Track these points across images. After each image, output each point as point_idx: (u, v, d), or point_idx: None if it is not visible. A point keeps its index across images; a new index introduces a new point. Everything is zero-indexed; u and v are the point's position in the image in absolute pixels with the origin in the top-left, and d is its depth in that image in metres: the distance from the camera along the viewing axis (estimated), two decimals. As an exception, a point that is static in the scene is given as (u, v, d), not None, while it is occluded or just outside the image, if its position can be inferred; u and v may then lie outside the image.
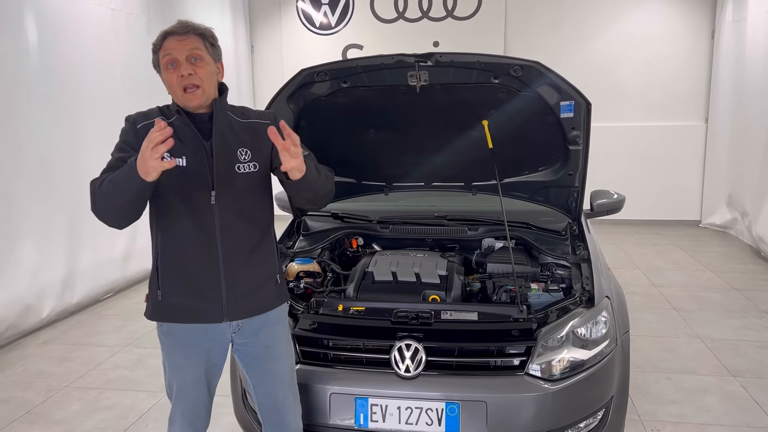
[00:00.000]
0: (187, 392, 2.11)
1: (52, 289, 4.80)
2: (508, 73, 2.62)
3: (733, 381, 3.63)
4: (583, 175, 2.97)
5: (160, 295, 2.02)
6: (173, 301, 2.02)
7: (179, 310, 2.03)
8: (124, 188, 1.81)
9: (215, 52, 2.00)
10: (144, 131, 1.88)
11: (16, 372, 3.99)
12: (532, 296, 2.67)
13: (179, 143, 1.89)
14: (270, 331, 2.14)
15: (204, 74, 1.93)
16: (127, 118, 2.03)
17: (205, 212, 1.97)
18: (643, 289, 5.46)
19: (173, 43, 1.92)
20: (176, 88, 1.92)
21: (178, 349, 2.08)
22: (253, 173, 2.04)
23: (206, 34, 1.98)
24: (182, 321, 2.04)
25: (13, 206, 4.45)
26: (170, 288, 2.02)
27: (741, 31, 7.00)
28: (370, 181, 3.39)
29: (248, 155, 2.03)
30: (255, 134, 2.06)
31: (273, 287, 2.15)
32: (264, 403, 2.21)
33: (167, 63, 1.92)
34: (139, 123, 1.98)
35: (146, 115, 2.01)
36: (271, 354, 2.16)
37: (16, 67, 4.48)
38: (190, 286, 2.01)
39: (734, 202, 7.35)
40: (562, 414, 2.32)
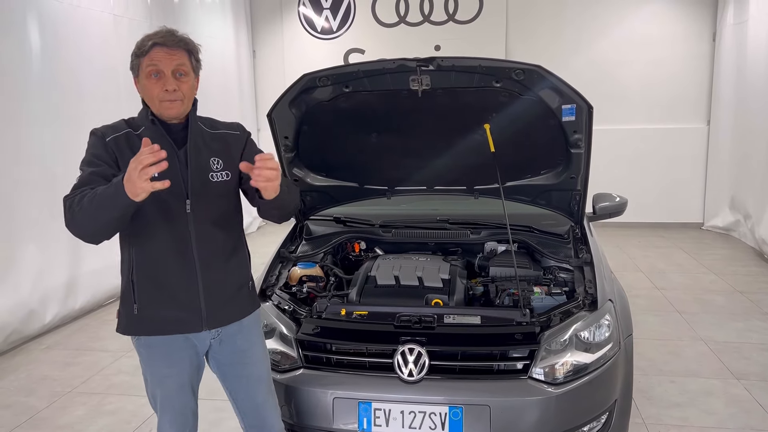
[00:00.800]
0: (172, 400, 2.10)
1: (55, 294, 4.81)
2: (509, 76, 2.63)
3: (737, 384, 3.62)
4: (585, 179, 2.97)
5: (136, 308, 1.99)
6: (151, 313, 2.00)
7: (158, 322, 2.01)
8: (110, 207, 1.75)
9: (197, 67, 2.02)
10: (114, 144, 1.93)
11: (20, 377, 4.00)
12: (534, 300, 2.67)
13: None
14: (246, 336, 2.17)
15: (186, 89, 1.95)
16: (94, 131, 1.98)
17: (180, 222, 1.98)
18: (646, 291, 5.45)
19: (161, 54, 1.91)
20: (155, 98, 1.93)
21: (159, 360, 2.06)
22: (225, 182, 2.06)
23: (193, 49, 1.99)
24: (161, 333, 2.02)
25: (16, 211, 4.46)
26: (147, 300, 1.99)
27: (742, 33, 7.01)
28: (373, 185, 3.39)
29: (220, 164, 2.06)
30: (225, 144, 2.11)
31: (247, 293, 2.18)
32: (245, 407, 2.22)
33: (151, 72, 1.91)
34: (108, 136, 1.95)
35: (114, 128, 1.99)
36: (249, 358, 2.18)
37: (19, 73, 4.50)
38: (168, 297, 2.00)
39: (737, 204, 7.34)
40: (566, 418, 2.32)
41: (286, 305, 2.68)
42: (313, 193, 3.34)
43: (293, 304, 2.68)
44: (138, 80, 1.97)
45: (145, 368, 2.10)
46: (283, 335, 2.52)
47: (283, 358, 2.50)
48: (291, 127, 3.00)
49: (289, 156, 3.12)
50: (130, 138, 1.96)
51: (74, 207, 1.81)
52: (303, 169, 3.24)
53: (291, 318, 2.60)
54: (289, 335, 2.50)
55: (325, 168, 3.31)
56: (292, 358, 2.47)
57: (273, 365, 2.50)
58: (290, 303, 2.69)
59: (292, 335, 2.50)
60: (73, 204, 1.81)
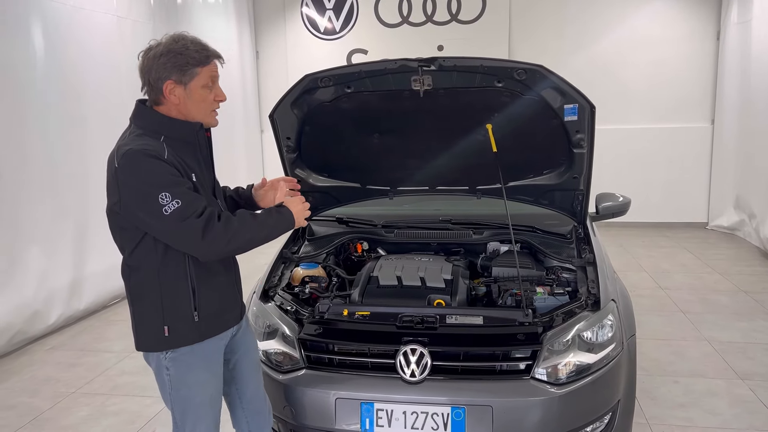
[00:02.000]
0: (214, 405, 2.11)
1: (59, 295, 4.82)
2: (511, 76, 2.62)
3: (742, 384, 3.60)
4: (588, 178, 2.97)
5: (196, 315, 1.99)
6: (213, 316, 2.05)
7: (217, 323, 2.07)
8: (274, 232, 2.02)
9: None
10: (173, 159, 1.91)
11: (24, 378, 4.01)
12: (537, 300, 2.67)
13: (190, 160, 2.00)
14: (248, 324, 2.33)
15: None
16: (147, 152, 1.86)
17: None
18: (650, 291, 5.44)
19: (215, 67, 2.01)
20: (207, 107, 2.00)
21: (199, 365, 2.04)
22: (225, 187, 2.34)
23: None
24: (220, 331, 2.08)
25: (20, 212, 4.48)
26: (206, 304, 2.03)
27: (746, 32, 6.98)
28: (375, 186, 3.39)
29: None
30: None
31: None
32: (250, 394, 2.29)
33: (207, 83, 1.96)
34: (160, 154, 1.89)
35: (155, 148, 1.90)
36: (251, 345, 2.30)
37: (23, 74, 4.52)
38: (225, 298, 2.10)
39: (741, 203, 7.31)
40: (569, 418, 2.31)
41: (288, 306, 2.68)
42: (316, 193, 3.34)
43: (295, 305, 2.68)
44: (185, 88, 1.93)
45: (182, 378, 2.03)
46: (285, 336, 2.53)
47: (285, 358, 2.50)
48: (293, 128, 3.00)
49: (292, 157, 3.12)
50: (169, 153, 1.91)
51: (231, 225, 1.90)
52: (305, 170, 3.24)
53: (293, 318, 2.60)
54: (292, 336, 2.50)
55: (328, 168, 3.31)
56: (295, 358, 2.47)
57: (275, 366, 2.51)
58: (292, 303, 2.70)
59: (294, 336, 2.50)
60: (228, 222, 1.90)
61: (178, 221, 1.83)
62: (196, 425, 2.08)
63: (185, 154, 1.99)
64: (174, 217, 1.82)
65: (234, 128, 7.83)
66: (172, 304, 1.99)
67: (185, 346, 2.00)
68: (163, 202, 1.82)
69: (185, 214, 1.83)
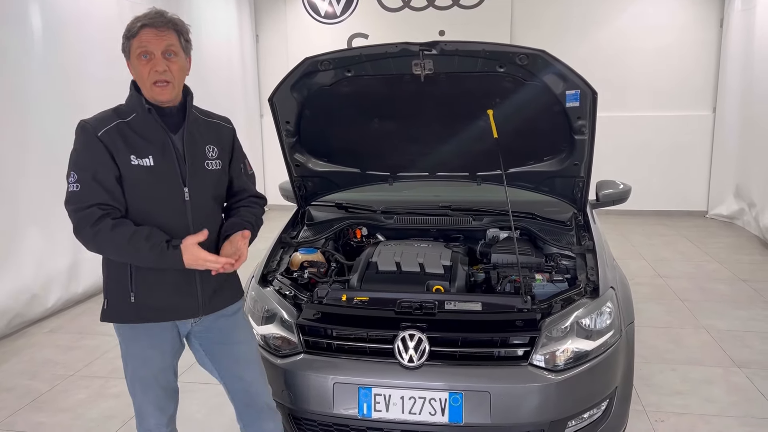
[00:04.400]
0: (157, 379, 2.10)
1: (57, 278, 4.82)
2: (513, 61, 2.60)
3: (739, 372, 3.61)
4: (589, 165, 2.95)
5: (132, 296, 1.99)
6: (149, 301, 2.00)
7: (156, 310, 2.02)
8: (135, 254, 1.88)
9: (188, 47, 2.00)
10: (107, 138, 1.90)
11: (23, 360, 4.02)
12: (536, 287, 2.66)
13: (143, 143, 1.94)
14: (228, 318, 2.18)
15: (176, 70, 1.94)
16: (83, 126, 1.93)
17: (178, 210, 1.99)
18: (649, 279, 5.44)
19: (150, 35, 1.90)
20: (146, 80, 1.92)
21: (143, 340, 2.05)
22: (218, 171, 2.09)
23: (182, 30, 1.97)
24: (159, 320, 2.03)
25: (19, 196, 4.46)
26: (145, 289, 1.99)
27: (750, 20, 6.93)
28: (374, 171, 3.37)
29: (215, 152, 2.08)
30: (218, 134, 2.13)
31: (235, 279, 2.21)
32: (234, 387, 2.23)
33: (140, 54, 1.90)
34: (99, 130, 1.91)
35: (103, 120, 1.94)
36: (234, 338, 2.19)
37: (22, 59, 4.48)
38: (168, 286, 2.00)
39: (741, 192, 7.30)
40: (566, 404, 2.31)
41: (287, 290, 2.68)
42: (315, 178, 3.33)
43: (294, 290, 2.68)
44: (129, 63, 1.96)
45: (127, 349, 2.09)
46: (283, 320, 2.52)
47: (283, 343, 2.50)
48: (292, 112, 2.98)
49: (291, 141, 3.10)
50: (121, 128, 1.94)
51: (100, 235, 1.86)
52: (304, 155, 3.22)
53: (292, 303, 2.59)
54: (290, 320, 2.50)
55: (327, 153, 3.29)
56: (293, 343, 2.47)
57: (273, 350, 2.50)
58: (291, 288, 2.69)
59: (292, 320, 2.50)
60: (100, 231, 1.86)
61: (66, 203, 1.91)
62: (144, 395, 2.10)
63: (149, 133, 1.95)
64: (66, 198, 1.91)
65: (233, 112, 7.69)
66: (114, 279, 2.04)
67: (127, 323, 2.04)
68: (69, 180, 1.92)
69: (72, 201, 1.89)
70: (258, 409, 2.25)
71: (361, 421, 2.33)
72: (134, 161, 1.91)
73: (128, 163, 1.92)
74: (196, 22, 6.89)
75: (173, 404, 2.19)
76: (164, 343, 2.08)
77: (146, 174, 1.93)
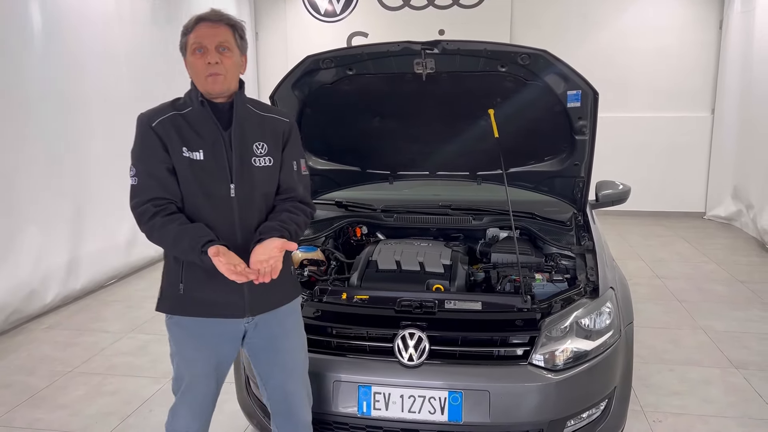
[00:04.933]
0: (197, 385, 2.07)
1: (56, 274, 4.81)
2: (515, 61, 2.60)
3: (737, 373, 3.62)
4: (589, 165, 2.96)
5: (182, 288, 1.99)
6: (196, 295, 1.99)
7: (202, 305, 2.00)
8: (181, 253, 1.91)
9: (242, 45, 2.01)
10: (161, 129, 1.94)
11: (21, 356, 4.01)
12: (536, 286, 2.67)
13: (196, 136, 1.95)
14: (281, 322, 2.13)
15: (229, 65, 1.94)
16: (140, 117, 1.98)
17: (225, 206, 1.97)
18: (647, 280, 5.45)
19: (205, 29, 1.93)
20: (200, 73, 1.93)
21: (188, 341, 2.04)
22: (268, 167, 2.04)
23: (237, 26, 1.99)
24: (206, 315, 2.00)
25: (17, 192, 4.45)
26: (193, 282, 1.98)
27: (749, 21, 6.94)
28: (375, 170, 3.38)
29: (265, 149, 2.04)
30: (272, 129, 2.08)
31: (289, 279, 2.14)
32: (273, 395, 2.19)
33: (195, 48, 1.92)
34: (154, 121, 1.95)
35: (159, 111, 1.98)
36: (280, 345, 2.14)
37: (21, 54, 4.46)
38: (214, 280, 1.94)
39: (739, 194, 7.32)
40: (565, 404, 2.32)
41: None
42: (315, 176, 3.33)
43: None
44: (186, 60, 1.98)
45: (175, 348, 2.08)
46: (283, 318, 2.52)
47: (283, 341, 2.49)
48: (293, 110, 2.98)
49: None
50: (176, 120, 1.96)
51: (154, 231, 1.91)
52: (305, 153, 3.21)
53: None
54: (290, 318, 2.49)
55: (328, 152, 3.29)
56: (293, 341, 2.46)
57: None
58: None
59: (292, 318, 2.49)
60: (153, 227, 1.90)
61: (130, 198, 1.96)
62: (181, 398, 2.09)
63: (202, 127, 1.97)
64: (130, 193, 1.97)
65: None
66: (168, 269, 2.05)
67: (171, 314, 2.04)
68: (130, 174, 1.97)
69: (132, 196, 1.96)
70: (294, 423, 2.21)
71: (361, 419, 2.33)
72: (185, 153, 1.93)
73: (180, 155, 1.94)
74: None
75: (208, 412, 2.15)
76: (210, 348, 2.05)
77: (196, 167, 1.94)
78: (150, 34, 5.93)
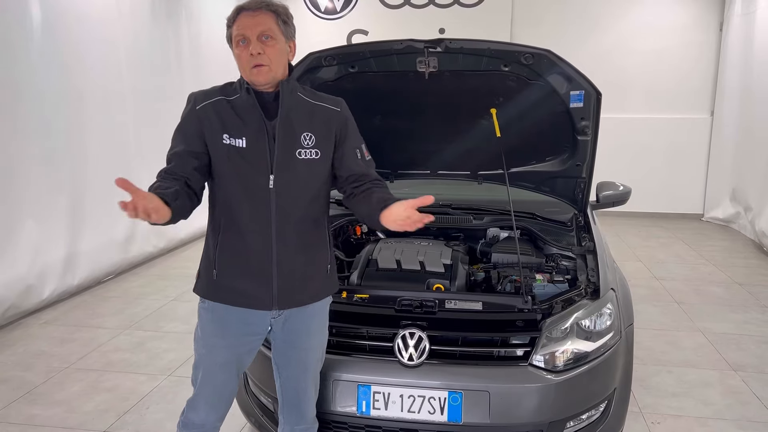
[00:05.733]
0: (215, 374, 2.05)
1: (53, 269, 4.79)
2: (518, 61, 2.59)
3: (735, 375, 3.62)
4: (591, 166, 2.96)
5: (215, 274, 1.99)
6: (228, 283, 1.99)
7: (233, 293, 1.99)
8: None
9: (288, 31, 1.95)
10: (203, 112, 1.93)
11: (17, 352, 3.99)
12: (536, 287, 2.66)
13: (240, 123, 1.92)
14: (306, 321, 2.11)
15: (273, 53, 1.90)
16: (189, 97, 1.99)
17: (262, 196, 1.93)
18: (645, 281, 5.46)
19: (245, 19, 1.89)
20: (245, 64, 1.90)
21: (213, 327, 2.04)
22: (314, 160, 1.99)
23: (279, 11, 1.93)
24: (234, 304, 2.00)
25: (15, 186, 4.42)
26: (226, 269, 1.98)
27: (750, 23, 6.94)
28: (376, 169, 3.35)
29: (312, 140, 1.98)
30: (322, 119, 2.03)
31: (323, 277, 2.11)
32: (286, 385, 2.19)
33: (239, 40, 1.90)
34: (200, 103, 1.95)
35: (207, 95, 1.98)
36: (302, 343, 2.12)
37: (19, 46, 4.44)
38: (246, 271, 1.97)
39: (738, 196, 7.33)
40: (565, 405, 2.31)
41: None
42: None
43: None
44: (233, 52, 1.96)
45: (200, 331, 2.07)
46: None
47: (282, 339, 2.48)
48: None
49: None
50: (221, 105, 1.95)
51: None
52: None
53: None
54: (290, 317, 2.48)
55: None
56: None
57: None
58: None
59: (292, 317, 2.48)
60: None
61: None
62: (200, 389, 2.07)
63: (247, 114, 1.93)
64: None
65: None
66: (205, 253, 2.05)
67: (203, 298, 2.04)
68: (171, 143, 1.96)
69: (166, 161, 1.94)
70: (299, 415, 2.21)
71: (360, 418, 2.32)
72: (226, 140, 1.90)
73: (219, 141, 1.91)
74: (196, 16, 6.85)
75: (225, 405, 2.12)
76: (232, 336, 2.04)
77: (236, 155, 1.91)
78: (149, 29, 5.91)
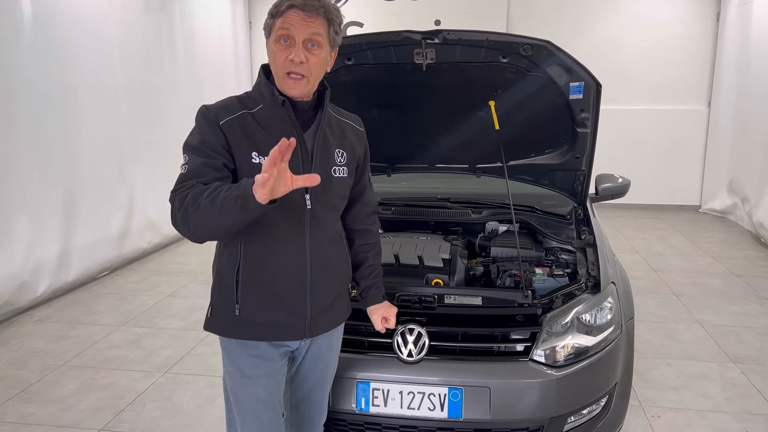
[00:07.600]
0: (257, 406, 1.86)
1: (47, 266, 4.75)
2: (517, 52, 2.56)
3: (734, 368, 3.61)
4: (590, 159, 2.93)
5: (237, 309, 1.78)
6: (255, 317, 1.79)
7: (262, 328, 1.81)
8: (232, 212, 1.49)
9: (335, 40, 1.76)
10: (228, 128, 1.69)
11: (12, 349, 3.95)
12: (536, 281, 2.63)
13: (270, 139, 1.64)
14: (330, 339, 2.02)
15: (315, 64, 1.69)
16: (205, 112, 1.71)
17: (297, 218, 1.76)
18: (643, 274, 5.45)
19: (295, 18, 1.66)
20: (280, 68, 1.68)
21: (245, 363, 1.85)
22: (344, 179, 1.86)
23: (334, 19, 1.73)
24: (262, 339, 1.82)
25: (8, 183, 4.38)
26: (252, 303, 1.79)
27: (747, 14, 6.92)
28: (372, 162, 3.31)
29: (344, 158, 1.84)
30: (351, 137, 1.91)
31: (346, 299, 2.04)
32: (303, 399, 2.08)
33: (281, 36, 1.67)
34: (222, 119, 1.70)
35: (228, 109, 1.73)
36: (322, 361, 2.03)
37: (11, 42, 4.38)
38: (275, 300, 1.79)
39: (735, 187, 7.32)
40: (566, 400, 2.29)
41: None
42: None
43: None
44: (268, 43, 1.73)
45: (230, 367, 1.88)
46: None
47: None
48: None
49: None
50: (245, 120, 1.72)
51: (188, 207, 1.55)
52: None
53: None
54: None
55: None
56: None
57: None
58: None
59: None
60: (187, 204, 1.56)
61: (175, 184, 1.63)
62: (246, 422, 1.88)
63: (277, 127, 1.70)
64: (177, 179, 1.64)
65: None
66: (220, 286, 1.83)
67: (231, 338, 1.84)
68: (182, 162, 1.67)
69: (178, 181, 1.63)
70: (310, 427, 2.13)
71: (359, 415, 2.29)
72: (255, 159, 1.68)
73: (248, 161, 1.68)
74: (188, 7, 6.78)
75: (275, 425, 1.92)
76: (269, 368, 1.86)
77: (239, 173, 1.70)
78: (143, 23, 5.85)
